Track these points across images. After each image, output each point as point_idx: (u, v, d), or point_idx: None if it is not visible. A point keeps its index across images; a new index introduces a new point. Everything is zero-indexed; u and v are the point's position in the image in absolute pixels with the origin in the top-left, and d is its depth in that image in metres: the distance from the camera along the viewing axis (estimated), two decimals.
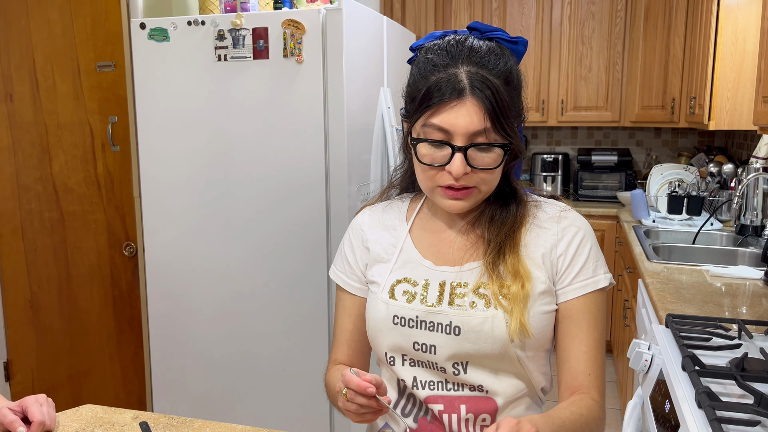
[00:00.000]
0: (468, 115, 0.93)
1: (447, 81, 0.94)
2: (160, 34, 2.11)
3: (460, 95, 0.93)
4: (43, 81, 2.62)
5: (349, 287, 1.15)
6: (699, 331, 1.47)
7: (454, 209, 1.01)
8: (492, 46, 0.98)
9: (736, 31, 2.80)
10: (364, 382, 0.89)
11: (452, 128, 0.94)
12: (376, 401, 0.90)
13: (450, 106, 0.94)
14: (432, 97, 0.94)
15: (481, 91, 0.93)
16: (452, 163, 0.95)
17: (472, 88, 0.93)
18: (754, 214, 2.71)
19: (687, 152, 4.09)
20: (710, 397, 1.11)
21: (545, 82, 4.04)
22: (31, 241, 2.74)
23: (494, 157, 0.96)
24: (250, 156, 2.10)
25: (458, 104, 0.93)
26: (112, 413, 1.15)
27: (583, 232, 1.05)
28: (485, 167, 0.96)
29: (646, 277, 2.16)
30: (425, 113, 0.96)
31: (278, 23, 2.00)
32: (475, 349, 0.99)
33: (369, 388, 0.88)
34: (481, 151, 0.95)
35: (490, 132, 0.94)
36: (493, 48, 0.98)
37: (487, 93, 0.93)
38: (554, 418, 0.91)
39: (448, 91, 0.93)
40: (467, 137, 0.94)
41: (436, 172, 0.98)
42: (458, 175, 0.95)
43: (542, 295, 1.01)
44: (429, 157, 0.97)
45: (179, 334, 2.25)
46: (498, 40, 1.01)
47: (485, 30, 1.00)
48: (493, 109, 0.93)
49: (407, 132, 1.03)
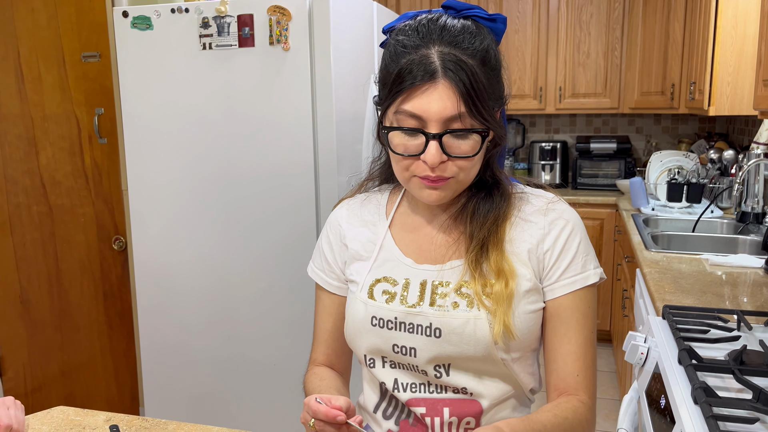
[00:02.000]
0: (441, 99, 0.86)
1: (418, 63, 0.87)
2: (143, 23, 2.06)
3: (432, 78, 0.87)
4: (28, 72, 2.57)
5: (327, 285, 1.10)
6: (696, 322, 1.43)
7: (432, 200, 0.95)
8: (467, 25, 0.92)
9: (736, 14, 2.74)
10: (332, 410, 0.83)
11: (425, 114, 0.87)
12: (348, 426, 0.84)
13: (421, 90, 0.87)
14: (403, 80, 0.88)
15: (454, 72, 0.86)
16: (427, 152, 0.88)
17: (445, 70, 0.86)
18: (755, 201, 2.66)
19: (687, 139, 4.03)
20: (707, 393, 1.06)
21: (543, 69, 3.98)
22: (19, 235, 2.70)
23: (472, 144, 0.90)
24: (237, 146, 2.05)
25: (430, 87, 0.87)
26: (84, 415, 1.11)
27: (571, 225, 0.99)
28: (462, 155, 0.90)
29: (644, 266, 2.11)
30: (396, 99, 0.89)
31: (263, 10, 1.95)
32: (457, 351, 0.94)
33: (338, 416, 0.82)
34: (457, 138, 0.89)
35: (465, 117, 0.88)
36: (467, 26, 0.91)
37: (461, 75, 0.86)
38: (534, 422, 0.86)
39: (420, 74, 0.87)
40: (442, 123, 0.87)
41: (411, 161, 0.92)
42: (434, 165, 0.89)
43: (528, 293, 0.95)
44: (402, 147, 0.91)
45: (170, 329, 2.22)
46: (474, 18, 0.94)
47: (461, 8, 0.94)
48: (467, 92, 0.86)
49: (380, 119, 0.97)
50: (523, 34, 3.97)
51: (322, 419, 0.84)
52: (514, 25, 3.97)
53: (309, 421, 0.86)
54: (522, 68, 4.00)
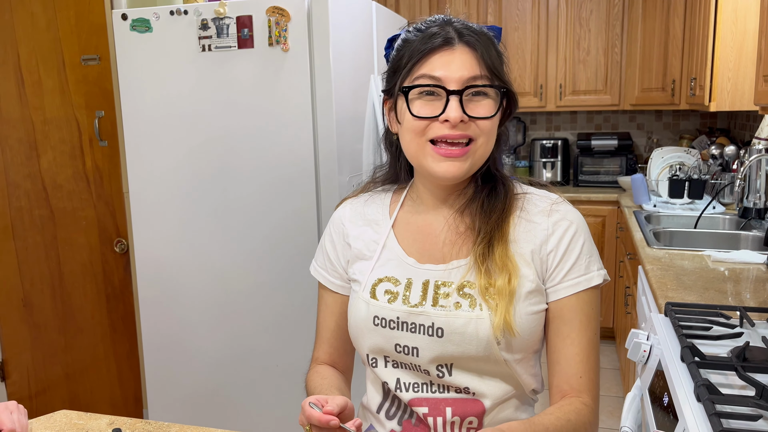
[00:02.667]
0: (460, 60, 0.91)
1: (436, 34, 0.93)
2: (143, 25, 2.06)
3: (449, 43, 0.92)
4: (29, 76, 2.57)
5: (330, 285, 1.10)
6: (699, 319, 1.43)
7: (448, 174, 0.93)
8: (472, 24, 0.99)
9: (736, 9, 2.73)
10: (325, 416, 0.83)
11: (444, 75, 0.91)
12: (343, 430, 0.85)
13: (440, 54, 0.91)
14: (422, 49, 0.92)
15: (471, 38, 0.92)
16: (448, 108, 0.90)
17: (461, 37, 0.92)
18: (757, 196, 2.65)
19: (689, 135, 4.02)
20: (709, 390, 1.06)
21: (543, 66, 3.97)
22: (21, 239, 2.70)
23: (491, 104, 0.93)
24: (237, 147, 2.05)
25: (448, 52, 0.92)
26: (87, 419, 1.11)
27: (575, 226, 0.98)
28: (482, 116, 0.92)
29: (646, 263, 2.10)
30: (415, 66, 0.93)
31: (262, 11, 1.95)
32: (459, 351, 0.94)
33: (332, 421, 0.83)
34: (476, 99, 0.92)
35: (484, 79, 0.92)
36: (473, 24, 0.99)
37: (478, 40, 0.92)
38: (537, 425, 0.86)
39: (439, 41, 0.92)
40: (461, 83, 0.91)
41: (428, 124, 0.93)
42: (455, 121, 0.90)
43: (530, 294, 0.95)
44: (421, 109, 0.92)
45: (172, 331, 2.22)
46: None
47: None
48: (484, 54, 0.92)
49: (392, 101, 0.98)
50: (523, 31, 3.96)
51: (316, 424, 0.84)
52: (514, 23, 3.96)
53: (305, 425, 0.86)
54: (522, 66, 3.99)
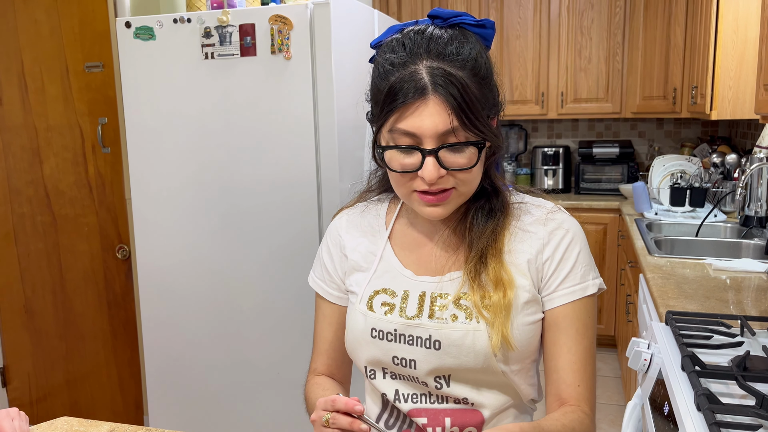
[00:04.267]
0: (432, 115, 0.85)
1: (408, 80, 0.86)
2: (146, 33, 2.07)
3: (422, 94, 0.85)
4: (32, 83, 2.58)
5: (328, 295, 1.10)
6: (700, 328, 1.43)
7: (434, 216, 0.94)
8: (455, 34, 0.90)
9: (737, 18, 2.74)
10: (351, 400, 0.84)
11: (419, 131, 0.86)
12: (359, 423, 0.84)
13: (413, 108, 0.86)
14: (394, 99, 0.87)
15: (444, 87, 0.85)
16: (424, 168, 0.88)
17: (435, 86, 0.85)
18: (759, 204, 2.65)
19: (690, 143, 4.03)
20: (710, 400, 1.06)
21: (544, 74, 3.98)
22: (24, 245, 2.71)
23: (469, 156, 0.89)
24: (239, 154, 2.06)
25: (421, 105, 0.85)
26: (88, 426, 1.11)
27: (571, 234, 0.98)
28: (460, 168, 0.89)
29: (647, 271, 2.10)
30: (389, 118, 0.88)
31: (265, 19, 1.96)
32: (457, 363, 0.94)
33: (356, 406, 0.83)
34: (453, 152, 0.88)
35: (459, 130, 0.86)
36: (455, 36, 0.90)
37: (451, 89, 0.85)
38: (544, 429, 0.86)
39: (410, 91, 0.85)
40: (436, 139, 0.87)
41: (410, 178, 0.91)
42: (432, 180, 0.88)
43: (526, 305, 0.95)
44: (399, 164, 0.90)
45: (173, 337, 2.22)
46: (462, 25, 0.92)
47: (447, 16, 0.92)
48: (459, 105, 0.85)
49: (374, 138, 0.95)
50: (525, 39, 3.97)
51: (341, 409, 0.84)
52: (516, 31, 3.98)
53: (323, 416, 0.85)
54: (524, 74, 4.00)
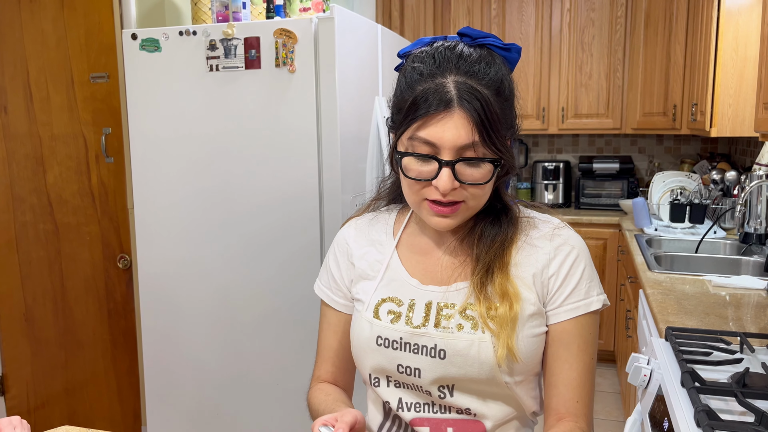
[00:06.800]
0: (455, 128, 0.88)
1: (434, 92, 0.89)
2: (152, 45, 2.09)
3: (447, 107, 0.88)
4: (37, 92, 2.60)
5: (334, 303, 1.11)
6: (699, 344, 1.43)
7: (441, 227, 0.96)
8: (483, 54, 0.93)
9: (737, 36, 2.77)
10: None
11: (439, 142, 0.89)
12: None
13: (437, 119, 0.88)
14: (418, 108, 0.89)
15: (469, 102, 0.88)
16: (439, 177, 0.90)
17: (460, 100, 0.88)
18: (758, 221, 2.66)
19: (690, 159, 4.05)
20: (709, 416, 1.06)
21: (545, 89, 4.01)
22: (25, 253, 2.71)
23: (484, 172, 0.91)
24: (242, 166, 2.07)
25: (446, 116, 0.88)
26: None
27: (577, 251, 1.00)
28: (474, 182, 0.91)
29: (647, 287, 2.11)
30: (412, 125, 0.91)
31: (270, 33, 1.98)
32: (461, 373, 0.95)
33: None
34: (469, 166, 0.90)
35: (478, 146, 0.89)
36: (483, 56, 0.93)
37: (475, 105, 0.88)
38: None
39: (435, 102, 0.88)
40: (455, 151, 0.89)
41: (423, 186, 0.93)
42: (445, 191, 0.90)
43: (531, 317, 0.96)
44: (415, 172, 0.92)
45: (173, 348, 2.22)
46: (489, 46, 0.95)
47: (476, 36, 0.95)
48: (482, 121, 0.88)
49: (393, 144, 0.98)
50: (526, 55, 4.00)
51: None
52: None
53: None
54: (525, 89, 4.03)
